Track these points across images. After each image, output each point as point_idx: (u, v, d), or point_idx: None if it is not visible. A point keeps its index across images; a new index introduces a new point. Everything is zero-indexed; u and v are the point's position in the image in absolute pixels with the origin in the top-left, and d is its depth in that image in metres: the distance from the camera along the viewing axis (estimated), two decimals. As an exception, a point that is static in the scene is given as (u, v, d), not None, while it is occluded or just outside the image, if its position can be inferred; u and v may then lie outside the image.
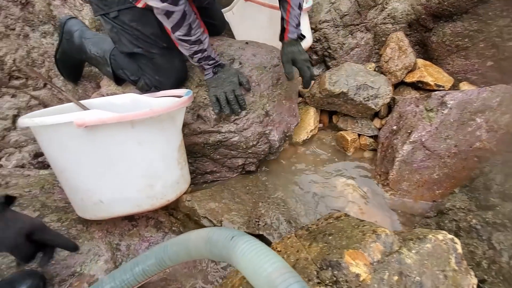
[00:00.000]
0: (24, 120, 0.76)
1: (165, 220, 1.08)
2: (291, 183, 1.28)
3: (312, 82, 1.17)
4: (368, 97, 1.31)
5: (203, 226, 1.06)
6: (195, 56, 0.99)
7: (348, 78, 1.33)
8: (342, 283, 0.63)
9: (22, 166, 1.31)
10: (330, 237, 0.77)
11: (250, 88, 1.12)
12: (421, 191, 1.16)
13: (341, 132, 1.38)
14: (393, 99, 1.37)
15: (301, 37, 1.15)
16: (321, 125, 1.54)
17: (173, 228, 1.06)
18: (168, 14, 0.87)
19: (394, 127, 1.24)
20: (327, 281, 0.63)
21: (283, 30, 1.14)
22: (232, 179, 1.21)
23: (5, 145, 1.29)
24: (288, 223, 1.08)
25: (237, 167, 1.21)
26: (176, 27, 0.90)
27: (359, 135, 1.39)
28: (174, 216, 1.12)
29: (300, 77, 1.18)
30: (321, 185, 1.27)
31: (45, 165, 1.33)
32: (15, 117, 1.31)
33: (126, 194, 0.86)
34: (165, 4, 0.84)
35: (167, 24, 0.90)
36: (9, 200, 0.64)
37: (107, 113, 0.74)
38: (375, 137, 1.39)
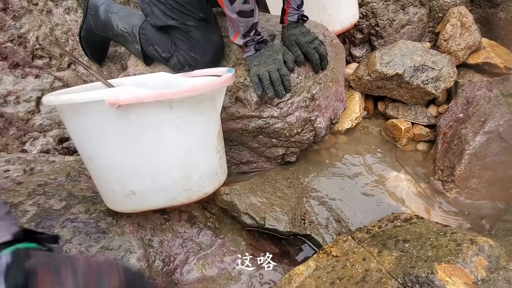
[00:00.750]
0: (49, 98, 0.66)
1: (199, 214, 0.97)
2: (335, 177, 1.14)
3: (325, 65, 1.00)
4: (427, 80, 1.14)
5: (243, 223, 0.94)
6: (250, 33, 0.86)
7: (403, 57, 1.16)
8: (436, 306, 0.50)
9: (47, 152, 1.24)
10: (406, 245, 0.63)
11: (294, 68, 0.98)
12: (492, 190, 0.99)
13: (392, 120, 1.22)
14: (455, 83, 1.19)
15: (304, 18, 0.98)
16: (365, 112, 1.38)
17: (208, 223, 0.95)
18: None
19: (461, 115, 1.06)
20: (419, 304, 0.50)
21: (283, 12, 0.98)
22: (271, 171, 1.09)
23: (29, 128, 1.22)
24: (338, 222, 0.95)
25: (276, 157, 1.08)
26: None
27: (412, 124, 1.23)
28: (208, 210, 1.01)
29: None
30: (369, 180, 1.13)
31: (70, 151, 1.26)
32: (39, 99, 1.23)
33: (161, 185, 0.76)
34: None
35: None
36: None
37: (143, 90, 0.63)
38: (431, 127, 1.22)
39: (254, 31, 0.86)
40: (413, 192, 1.07)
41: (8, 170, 0.98)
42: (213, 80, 0.72)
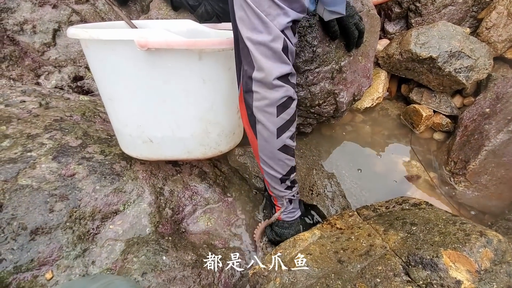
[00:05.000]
0: (76, 31, 0.63)
1: (210, 171, 0.99)
2: (346, 154, 1.14)
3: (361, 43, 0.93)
4: (460, 69, 1.09)
5: (253, 185, 0.97)
6: (291, 175, 0.75)
7: (441, 40, 1.10)
8: (435, 286, 0.53)
9: (61, 88, 1.22)
10: (414, 228, 0.65)
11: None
12: (501, 189, 0.99)
13: (414, 105, 1.19)
14: (488, 76, 1.14)
15: None
16: (386, 93, 1.34)
17: (218, 181, 0.97)
18: None
19: (487, 110, 1.03)
20: (421, 282, 0.53)
21: None
22: (285, 139, 1.08)
23: (44, 62, 1.19)
24: (344, 198, 0.96)
25: (292, 126, 1.07)
26: None
27: (433, 111, 1.20)
28: (219, 168, 1.02)
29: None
30: (380, 161, 1.13)
31: (84, 91, 1.25)
32: (56, 32, 1.18)
33: (179, 137, 0.76)
34: None
35: None
36: None
37: (175, 36, 0.60)
38: (452, 117, 1.19)
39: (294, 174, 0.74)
40: (421, 179, 1.08)
41: (24, 101, 0.97)
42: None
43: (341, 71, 0.97)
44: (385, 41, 1.35)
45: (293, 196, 0.77)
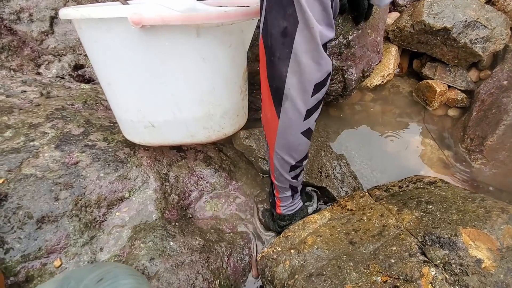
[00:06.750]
0: (67, 11, 0.60)
1: (215, 156, 0.97)
2: (355, 134, 1.10)
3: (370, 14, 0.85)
4: (476, 39, 1.02)
5: (259, 169, 0.94)
6: (303, 162, 0.70)
7: (455, 10, 1.02)
8: (454, 265, 0.50)
9: (62, 77, 1.20)
10: (429, 206, 0.62)
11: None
12: (520, 165, 0.95)
13: (427, 81, 1.13)
14: (505, 47, 1.06)
15: None
16: (397, 69, 1.28)
17: (223, 165, 0.95)
18: None
19: (505, 82, 0.97)
20: (438, 261, 0.50)
21: None
22: (291, 121, 1.05)
23: (43, 51, 1.17)
24: (354, 179, 0.93)
25: (298, 107, 1.03)
26: None
27: (448, 87, 1.13)
28: (224, 152, 1.00)
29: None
30: (391, 141, 1.09)
31: (86, 79, 1.23)
32: (53, 19, 1.16)
33: (181, 120, 0.73)
34: None
35: None
36: None
37: (170, 11, 0.56)
38: (467, 92, 1.13)
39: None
40: (435, 158, 1.03)
41: (25, 91, 0.96)
42: (247, 9, 0.63)
43: (349, 46, 0.92)
44: (395, 14, 1.28)
45: (297, 187, 0.72)
